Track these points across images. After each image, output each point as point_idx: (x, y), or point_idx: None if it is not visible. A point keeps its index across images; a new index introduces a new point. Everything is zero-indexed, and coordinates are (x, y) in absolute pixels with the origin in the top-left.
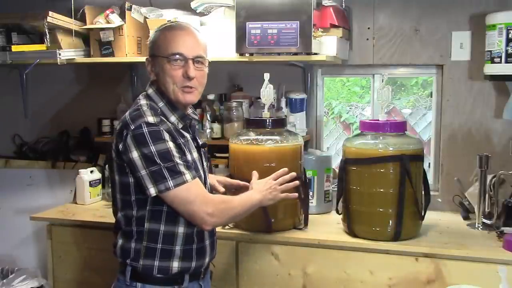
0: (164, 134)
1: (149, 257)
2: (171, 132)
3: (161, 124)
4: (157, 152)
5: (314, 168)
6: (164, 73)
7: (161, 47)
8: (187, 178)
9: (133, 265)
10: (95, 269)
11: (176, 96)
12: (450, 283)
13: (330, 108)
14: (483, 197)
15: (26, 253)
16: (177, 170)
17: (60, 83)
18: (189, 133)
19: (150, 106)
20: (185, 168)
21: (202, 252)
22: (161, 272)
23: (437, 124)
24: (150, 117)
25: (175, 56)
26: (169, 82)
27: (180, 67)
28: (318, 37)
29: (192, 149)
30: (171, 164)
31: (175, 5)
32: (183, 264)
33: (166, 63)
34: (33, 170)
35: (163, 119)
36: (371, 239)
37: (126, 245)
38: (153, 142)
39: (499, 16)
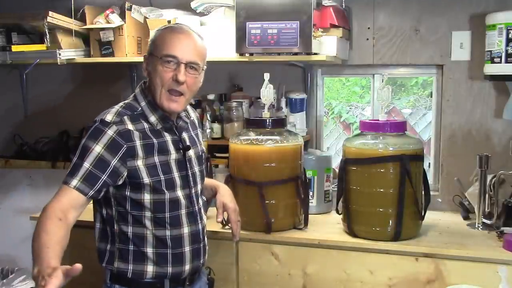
0: (104, 137)
1: (123, 260)
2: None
3: (117, 124)
4: (82, 147)
5: (314, 168)
6: (155, 73)
7: (158, 47)
8: (71, 182)
9: (108, 267)
10: (95, 269)
11: (161, 100)
12: (450, 283)
13: (330, 108)
14: (483, 197)
15: (26, 253)
16: (75, 170)
17: (60, 83)
18: (174, 134)
19: (127, 105)
20: (83, 174)
21: (180, 258)
22: (136, 276)
23: (437, 124)
24: (109, 115)
25: (168, 58)
26: (158, 83)
27: (171, 70)
28: (318, 37)
29: (170, 150)
30: (78, 162)
31: (175, 5)
32: (158, 268)
33: (159, 64)
34: (33, 170)
35: (127, 121)
36: (371, 239)
37: (102, 246)
38: (88, 137)
39: (499, 16)
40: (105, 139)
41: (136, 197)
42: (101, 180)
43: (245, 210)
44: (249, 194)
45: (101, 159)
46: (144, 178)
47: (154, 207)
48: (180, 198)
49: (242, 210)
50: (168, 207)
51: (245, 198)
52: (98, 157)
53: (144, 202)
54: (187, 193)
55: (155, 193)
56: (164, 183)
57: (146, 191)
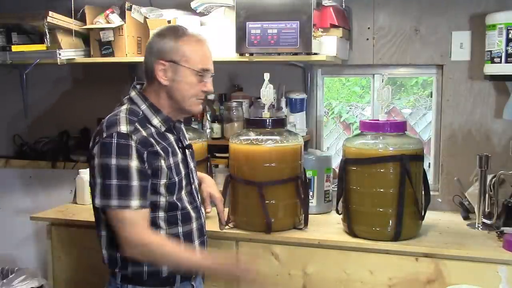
0: (132, 150)
1: (137, 264)
2: (144, 141)
3: (135, 133)
4: (117, 166)
5: (314, 168)
6: (187, 84)
7: (190, 59)
8: (132, 204)
9: (122, 273)
10: (95, 269)
11: (191, 106)
12: (450, 283)
13: (330, 108)
14: (483, 197)
15: (26, 253)
16: (128, 192)
17: (60, 83)
18: (174, 134)
19: (130, 111)
20: (138, 193)
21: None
22: (152, 277)
23: (437, 124)
24: (123, 126)
25: (207, 72)
26: (190, 93)
27: (204, 82)
28: (318, 37)
29: (175, 150)
30: (124, 184)
31: (175, 5)
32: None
33: (194, 76)
34: (33, 170)
35: (139, 127)
36: (371, 239)
37: (113, 254)
38: (117, 155)
39: (499, 16)
40: (134, 152)
41: (152, 199)
42: (148, 188)
43: (245, 210)
44: (249, 194)
45: (142, 172)
46: (162, 179)
47: (168, 207)
48: (187, 195)
49: (242, 210)
50: (180, 206)
51: (245, 198)
52: (139, 171)
53: (160, 203)
54: (189, 190)
55: (169, 194)
56: (177, 184)
57: (162, 192)
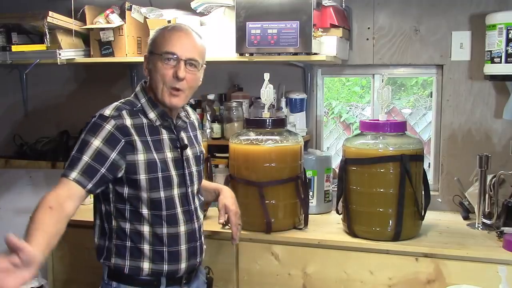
0: (102, 131)
1: (120, 255)
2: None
3: (115, 119)
4: (81, 141)
5: (314, 168)
6: (155, 70)
7: (158, 45)
8: (69, 175)
9: (106, 263)
10: (95, 269)
11: (163, 96)
12: (450, 283)
13: (330, 108)
14: (483, 197)
15: None
16: (74, 163)
17: (60, 83)
18: (172, 133)
19: (127, 101)
20: (83, 167)
21: (176, 256)
22: (133, 272)
23: (437, 124)
24: (108, 110)
25: (168, 55)
26: (159, 80)
27: (171, 66)
28: (318, 37)
29: (166, 148)
30: (76, 156)
31: (175, 5)
32: (154, 266)
33: (159, 61)
34: (33, 170)
35: (125, 115)
36: (371, 239)
37: (100, 243)
38: (87, 132)
39: (499, 16)
40: (104, 133)
41: (134, 193)
42: (99, 173)
43: (245, 210)
44: (249, 194)
45: (100, 153)
46: (141, 174)
47: (151, 204)
48: (177, 196)
49: (242, 210)
50: (164, 205)
51: (245, 198)
52: (97, 151)
53: (142, 198)
54: (183, 192)
55: (152, 190)
56: (161, 180)
57: (143, 187)
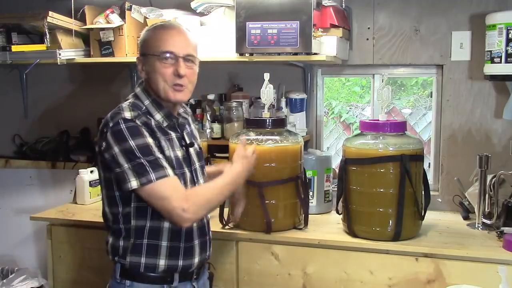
0: (142, 129)
1: (135, 253)
2: (149, 126)
3: (138, 118)
4: (137, 146)
5: (314, 168)
6: (155, 71)
7: (152, 46)
8: (169, 173)
9: (121, 262)
10: (95, 269)
11: (166, 94)
12: (450, 283)
13: (330, 108)
14: (483, 197)
15: (26, 253)
16: (159, 164)
17: (60, 83)
18: (177, 132)
19: (133, 104)
20: (165, 164)
21: (190, 251)
22: (148, 270)
23: (437, 124)
24: (127, 113)
25: (166, 54)
26: (159, 80)
27: (170, 65)
28: (318, 37)
29: (176, 147)
30: (153, 158)
31: (175, 5)
32: (169, 262)
33: (157, 62)
34: (33, 170)
35: (141, 113)
36: (371, 239)
37: (116, 243)
38: (132, 137)
39: (499, 16)
40: (144, 130)
41: None
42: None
43: (245, 210)
44: (249, 194)
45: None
46: None
47: None
48: None
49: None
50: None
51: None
52: (156, 146)
53: None
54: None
55: None
56: (180, 178)
57: None
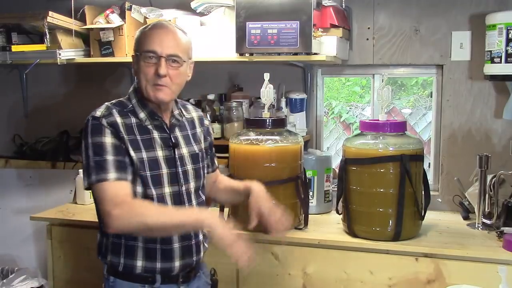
0: (104, 128)
1: (115, 253)
2: (115, 125)
3: (106, 117)
4: (92, 145)
5: (314, 168)
6: (138, 69)
7: (139, 45)
8: (109, 177)
9: (103, 260)
10: (95, 269)
11: (147, 93)
12: (450, 283)
13: (330, 108)
14: (483, 197)
15: (26, 253)
16: (103, 166)
17: (60, 83)
18: (164, 132)
19: (118, 102)
20: (113, 166)
21: (169, 254)
22: (127, 269)
23: (437, 124)
24: (98, 111)
25: (148, 53)
26: (142, 79)
27: (152, 64)
28: (318, 37)
29: (157, 147)
30: (100, 159)
31: (175, 5)
32: (147, 263)
33: (141, 60)
34: (33, 170)
35: (115, 114)
36: (371, 239)
37: (100, 240)
38: (91, 135)
39: (499, 16)
40: (106, 130)
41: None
42: (127, 164)
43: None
44: None
45: (116, 147)
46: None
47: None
48: (168, 194)
49: (242, 210)
50: (156, 203)
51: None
52: (113, 146)
53: (136, 194)
54: (176, 190)
55: (145, 187)
56: (150, 179)
57: (138, 182)
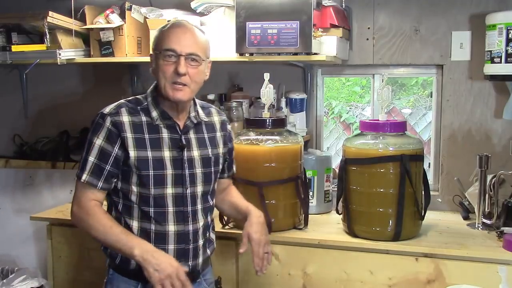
0: (102, 129)
1: None
2: (120, 125)
3: (112, 116)
4: (88, 141)
5: (314, 168)
6: (157, 68)
7: (159, 43)
8: (81, 176)
9: (105, 252)
10: (95, 269)
11: (166, 92)
12: (450, 283)
13: (330, 108)
14: (483, 197)
15: (26, 253)
16: (84, 165)
17: (60, 83)
18: (177, 133)
19: (134, 99)
20: (90, 169)
21: None
22: (122, 264)
23: (437, 124)
24: (108, 108)
25: (168, 52)
26: (161, 77)
27: (172, 63)
28: (318, 37)
29: (165, 147)
30: (85, 157)
31: (175, 5)
32: None
33: (160, 59)
34: (33, 170)
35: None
36: (371, 239)
37: None
38: (91, 131)
39: (499, 16)
40: (104, 131)
41: (125, 187)
42: (105, 170)
43: None
44: (249, 194)
45: (103, 151)
46: (132, 169)
47: (140, 200)
48: (170, 195)
49: None
50: (153, 203)
51: (245, 198)
52: (100, 150)
53: (132, 193)
54: (179, 192)
55: (142, 187)
56: (152, 178)
57: (134, 183)
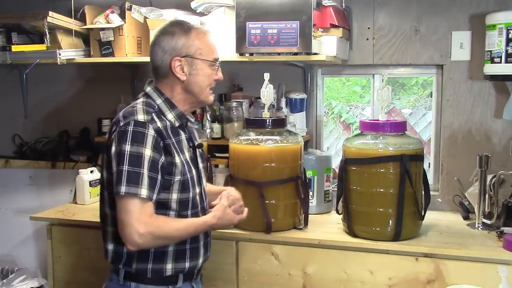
0: (147, 139)
1: (142, 260)
2: (160, 132)
3: (151, 123)
4: (130, 153)
5: (314, 168)
6: (203, 75)
7: (203, 51)
8: (141, 193)
9: (126, 269)
10: (95, 269)
11: (206, 97)
12: (450, 283)
13: (330, 108)
14: (483, 197)
15: (26, 253)
16: (137, 179)
17: (60, 83)
18: (186, 132)
19: (146, 103)
20: (147, 183)
21: (196, 252)
22: (155, 274)
23: (437, 124)
24: (140, 115)
25: (217, 61)
26: (206, 84)
27: (216, 70)
28: (318, 37)
29: (185, 149)
30: (136, 171)
31: (175, 5)
32: (176, 265)
33: (209, 67)
34: (33, 170)
35: (155, 118)
36: (371, 239)
37: (118, 249)
38: (131, 142)
39: (499, 16)
40: (150, 140)
41: (164, 197)
42: (158, 181)
43: None
44: (249, 194)
45: (154, 161)
46: (176, 175)
47: (179, 206)
48: (198, 195)
49: None
50: (190, 204)
51: (245, 198)
52: (151, 161)
53: (171, 201)
54: (200, 190)
55: (182, 191)
56: (190, 181)
57: (175, 189)
